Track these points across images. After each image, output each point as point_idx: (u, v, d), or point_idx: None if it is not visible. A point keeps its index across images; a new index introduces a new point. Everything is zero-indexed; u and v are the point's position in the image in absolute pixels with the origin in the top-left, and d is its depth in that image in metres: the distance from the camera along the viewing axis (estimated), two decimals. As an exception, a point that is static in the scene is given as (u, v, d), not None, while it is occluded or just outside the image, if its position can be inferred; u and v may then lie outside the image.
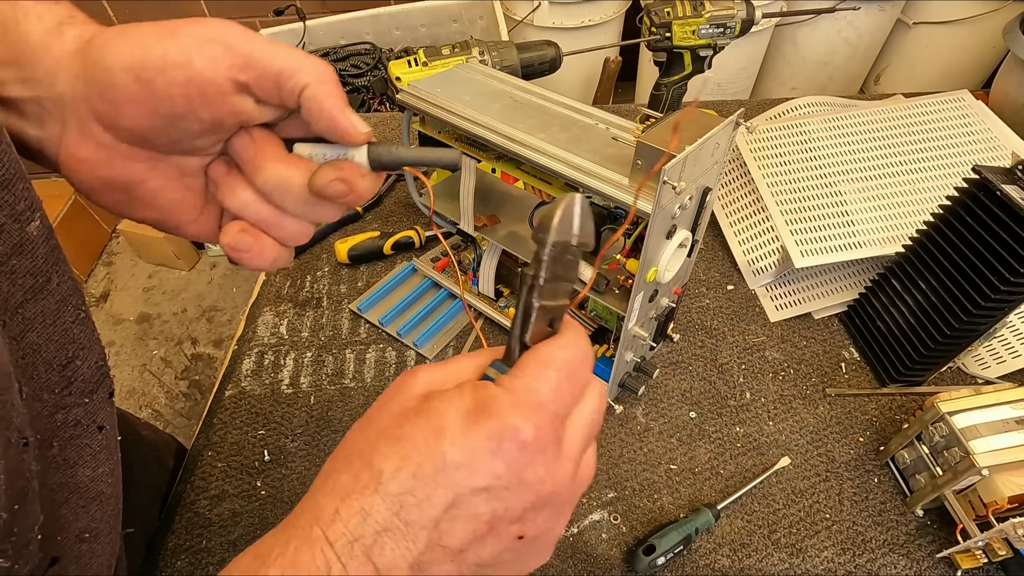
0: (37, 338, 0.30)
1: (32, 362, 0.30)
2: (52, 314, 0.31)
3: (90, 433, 0.34)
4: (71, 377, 0.32)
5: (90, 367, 0.34)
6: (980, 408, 0.51)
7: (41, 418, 0.31)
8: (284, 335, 0.73)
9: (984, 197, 0.54)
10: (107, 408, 0.36)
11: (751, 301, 0.75)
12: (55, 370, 0.31)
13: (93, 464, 0.35)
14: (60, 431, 0.33)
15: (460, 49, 0.78)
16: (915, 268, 0.61)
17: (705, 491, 0.59)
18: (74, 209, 2.05)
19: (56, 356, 0.31)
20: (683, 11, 0.78)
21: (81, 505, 0.34)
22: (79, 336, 0.33)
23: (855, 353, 0.70)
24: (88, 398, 0.34)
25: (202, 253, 2.16)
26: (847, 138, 0.81)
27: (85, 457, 0.34)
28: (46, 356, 0.31)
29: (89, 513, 0.35)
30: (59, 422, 0.32)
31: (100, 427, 0.35)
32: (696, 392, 0.67)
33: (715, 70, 0.88)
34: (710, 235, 0.82)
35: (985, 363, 0.67)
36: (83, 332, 0.33)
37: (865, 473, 0.60)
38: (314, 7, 1.73)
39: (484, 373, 0.26)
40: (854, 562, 0.54)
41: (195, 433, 0.65)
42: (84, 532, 0.35)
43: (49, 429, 0.32)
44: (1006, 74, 0.97)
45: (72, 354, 0.32)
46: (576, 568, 0.54)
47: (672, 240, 0.50)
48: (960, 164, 0.76)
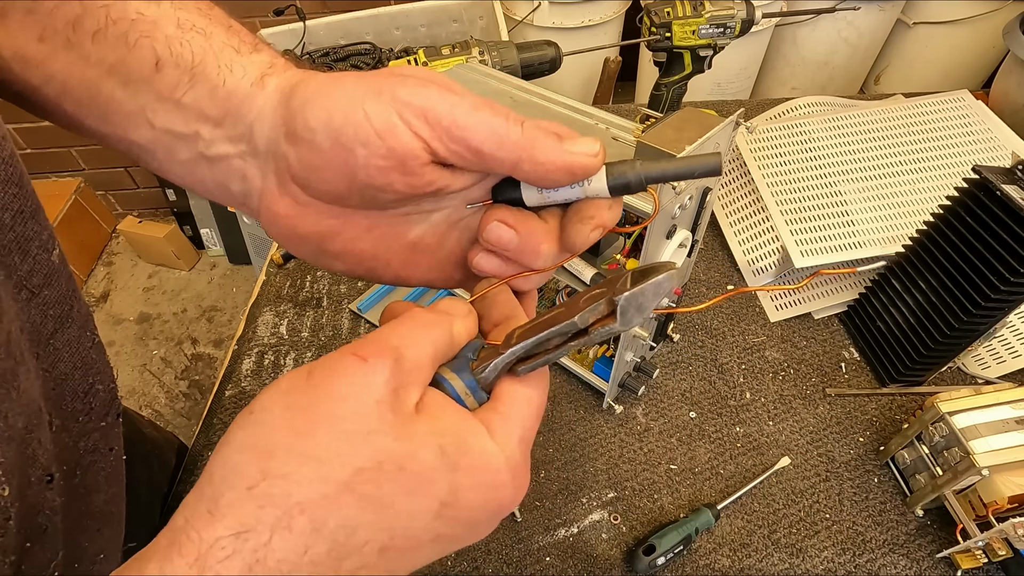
0: (65, 368, 0.30)
1: (61, 392, 0.30)
2: (75, 342, 0.31)
3: (104, 456, 0.34)
4: (92, 404, 0.32)
5: (106, 391, 0.34)
6: (980, 408, 0.51)
7: (67, 449, 0.31)
8: (284, 335, 0.73)
9: (984, 197, 0.54)
10: (116, 429, 0.36)
11: (751, 301, 0.75)
12: (79, 398, 0.31)
13: (107, 487, 0.35)
14: (82, 459, 0.32)
15: (460, 49, 0.78)
16: (915, 268, 0.61)
17: (705, 491, 0.59)
18: (74, 209, 2.05)
19: (80, 384, 0.31)
20: (683, 11, 0.78)
21: (96, 529, 0.35)
22: (96, 361, 0.33)
23: (855, 353, 0.70)
24: (104, 421, 0.34)
25: (202, 253, 2.16)
26: (847, 138, 0.81)
27: (100, 482, 0.34)
28: (72, 385, 0.31)
29: (103, 536, 0.35)
30: (81, 450, 0.32)
31: (111, 448, 0.35)
32: (696, 392, 0.67)
33: (715, 70, 0.88)
34: (710, 235, 0.82)
35: (985, 363, 0.67)
36: (99, 357, 0.33)
37: (865, 473, 0.60)
38: (314, 7, 1.73)
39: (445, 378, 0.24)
40: (854, 562, 0.54)
41: (195, 433, 0.65)
42: (98, 554, 0.35)
43: (73, 459, 0.31)
44: (1006, 74, 0.97)
45: (92, 380, 0.32)
46: (576, 568, 0.54)
47: (672, 240, 0.50)
48: (960, 164, 0.76)
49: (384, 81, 0.24)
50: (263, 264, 0.82)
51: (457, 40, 0.82)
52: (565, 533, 0.56)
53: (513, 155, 0.23)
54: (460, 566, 0.54)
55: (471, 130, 0.23)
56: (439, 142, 0.23)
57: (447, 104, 0.23)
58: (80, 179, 2.12)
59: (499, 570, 0.54)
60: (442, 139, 0.23)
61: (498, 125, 0.23)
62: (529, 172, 0.24)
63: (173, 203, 2.08)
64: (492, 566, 0.54)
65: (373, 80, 0.24)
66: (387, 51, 1.11)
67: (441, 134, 0.23)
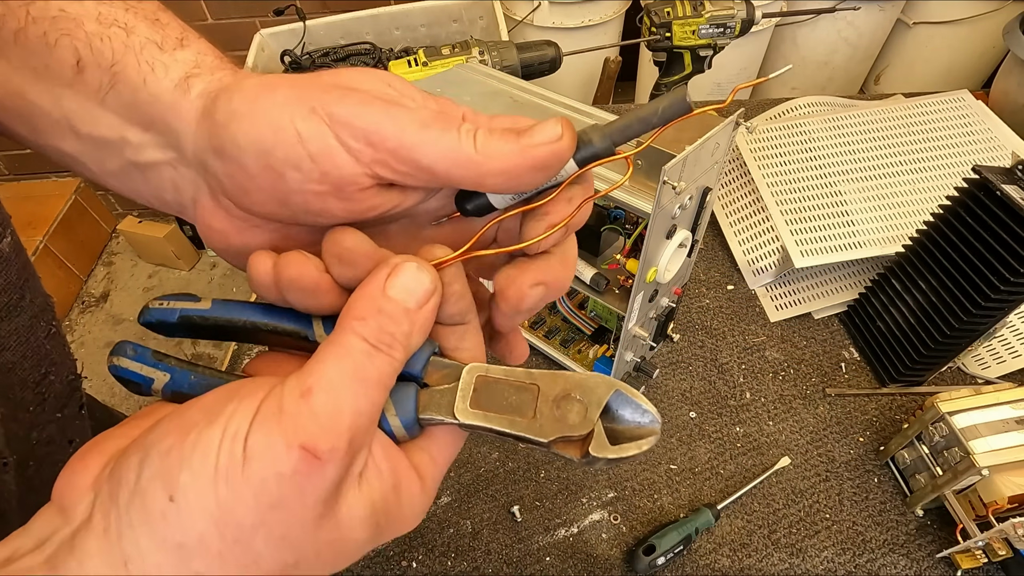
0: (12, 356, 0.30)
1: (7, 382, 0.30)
2: (26, 331, 0.30)
3: (62, 449, 0.34)
4: (44, 394, 0.32)
5: (61, 382, 0.33)
6: (980, 408, 0.51)
7: (18, 439, 0.30)
8: (284, 335, 0.73)
9: (984, 197, 0.54)
10: (77, 422, 0.35)
11: (751, 301, 0.75)
12: (29, 388, 0.31)
13: None
14: (35, 449, 0.32)
15: (460, 49, 0.78)
16: (915, 268, 0.61)
17: (705, 491, 0.59)
18: (74, 209, 2.05)
19: (31, 374, 0.31)
20: (683, 11, 0.78)
21: None
22: (51, 352, 0.32)
23: (855, 353, 0.70)
24: (60, 413, 0.33)
25: (202, 253, 2.16)
26: (847, 138, 0.81)
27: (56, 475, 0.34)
28: (21, 374, 0.30)
29: None
30: (34, 440, 0.32)
31: (71, 441, 0.34)
32: (696, 392, 0.67)
33: (715, 70, 0.88)
34: (710, 235, 0.82)
35: (985, 363, 0.67)
36: (55, 347, 0.32)
37: (865, 473, 0.60)
38: (314, 7, 1.72)
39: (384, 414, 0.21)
40: (854, 562, 0.54)
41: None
42: None
43: (26, 449, 0.31)
44: (1006, 74, 0.97)
45: (45, 370, 0.32)
46: (576, 568, 0.54)
47: (672, 240, 0.50)
48: (960, 164, 0.76)
49: (320, 96, 0.21)
50: (263, 264, 0.82)
51: (457, 40, 0.82)
52: (565, 533, 0.56)
53: (472, 172, 0.21)
54: (460, 566, 0.54)
55: (420, 150, 0.21)
56: (383, 166, 0.21)
57: (392, 123, 0.20)
58: (80, 179, 2.12)
59: (499, 570, 0.54)
60: (387, 162, 0.21)
61: (450, 143, 0.21)
62: (497, 185, 0.21)
63: (173, 203, 2.08)
64: (492, 566, 0.54)
65: (308, 93, 0.21)
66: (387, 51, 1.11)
67: (386, 156, 0.21)
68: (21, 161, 2.07)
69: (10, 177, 2.11)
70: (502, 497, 0.59)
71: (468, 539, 0.56)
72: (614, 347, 0.59)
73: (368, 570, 0.54)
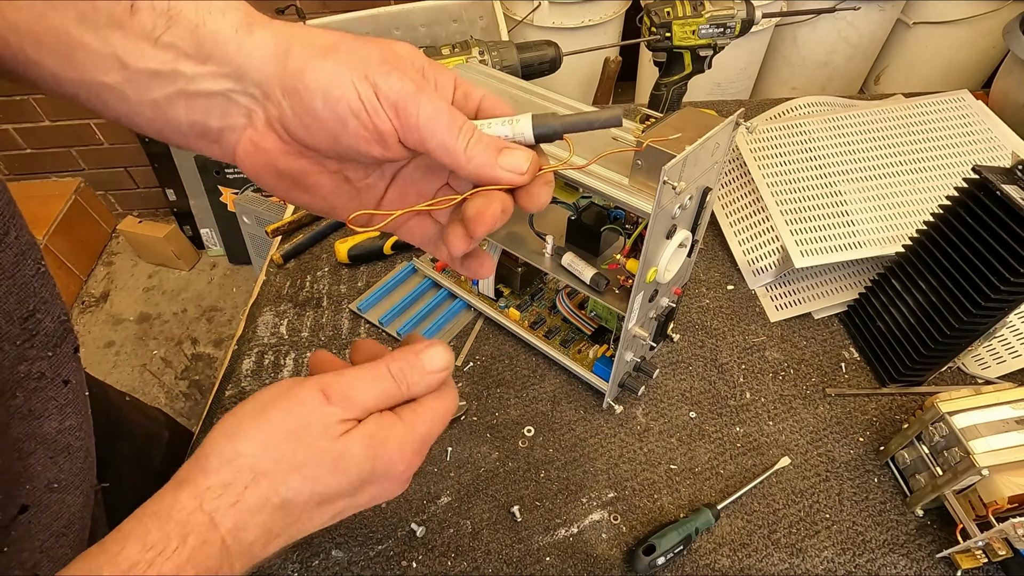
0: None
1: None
2: (11, 267, 0.32)
3: (55, 386, 0.36)
4: (33, 330, 0.34)
5: (52, 321, 0.35)
6: (980, 408, 0.51)
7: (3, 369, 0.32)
8: (284, 335, 0.73)
9: (984, 197, 0.54)
10: (72, 363, 0.37)
11: (751, 301, 0.75)
12: (15, 322, 0.32)
13: (60, 417, 0.36)
14: (24, 383, 0.34)
15: (460, 49, 0.78)
16: (915, 268, 0.61)
17: (705, 491, 0.59)
18: (74, 209, 2.05)
19: (16, 309, 0.32)
20: (683, 11, 0.78)
21: (49, 456, 0.36)
22: (39, 290, 0.34)
23: (855, 353, 0.70)
24: (52, 351, 0.35)
25: (202, 253, 2.16)
26: (847, 138, 0.81)
27: (51, 410, 0.36)
28: (6, 308, 0.32)
29: (57, 464, 0.36)
30: (22, 374, 0.34)
31: (66, 381, 0.36)
32: (696, 392, 0.67)
33: (715, 70, 0.88)
34: (710, 235, 0.82)
35: (985, 363, 0.67)
36: (43, 286, 0.34)
37: (865, 473, 0.60)
38: (314, 7, 1.73)
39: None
40: (854, 562, 0.54)
41: (195, 433, 0.65)
42: (53, 482, 0.36)
43: (12, 380, 0.33)
44: (1006, 74, 0.97)
45: (33, 307, 0.33)
46: (576, 568, 0.54)
47: (672, 240, 0.50)
48: (960, 164, 0.76)
49: (374, 67, 0.27)
50: (263, 264, 0.82)
51: (457, 40, 0.82)
52: (565, 533, 0.56)
53: (454, 162, 0.29)
54: (460, 566, 0.54)
55: (427, 134, 0.28)
56: (403, 132, 0.28)
57: (415, 106, 0.27)
58: (80, 179, 2.12)
59: (499, 570, 0.54)
60: (404, 131, 0.28)
61: (449, 137, 0.28)
62: (467, 177, 0.30)
63: (173, 203, 2.08)
64: (492, 566, 0.54)
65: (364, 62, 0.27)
66: (387, 51, 1.11)
67: (404, 127, 0.28)
68: (21, 161, 2.07)
69: (10, 177, 2.11)
70: (502, 497, 0.59)
71: (468, 539, 0.56)
72: (614, 347, 0.59)
73: (368, 570, 0.54)
